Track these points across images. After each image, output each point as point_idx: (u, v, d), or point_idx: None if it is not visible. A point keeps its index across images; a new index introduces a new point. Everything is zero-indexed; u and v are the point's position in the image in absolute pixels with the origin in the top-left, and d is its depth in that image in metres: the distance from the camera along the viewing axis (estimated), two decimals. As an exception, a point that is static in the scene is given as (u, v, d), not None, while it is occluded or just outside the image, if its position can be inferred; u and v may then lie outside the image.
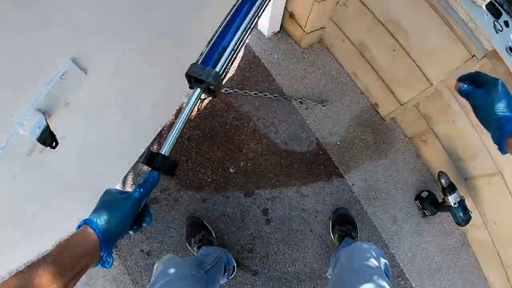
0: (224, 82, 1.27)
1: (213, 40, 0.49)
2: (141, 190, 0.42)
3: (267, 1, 0.52)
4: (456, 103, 1.06)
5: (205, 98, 1.25)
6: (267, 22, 1.23)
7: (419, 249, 1.30)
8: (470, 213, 1.16)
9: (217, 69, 0.46)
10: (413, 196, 1.30)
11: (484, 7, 0.79)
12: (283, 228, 1.19)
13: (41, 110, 0.52)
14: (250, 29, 0.51)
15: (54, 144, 0.54)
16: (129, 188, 1.24)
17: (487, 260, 1.35)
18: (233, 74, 1.27)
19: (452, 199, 1.13)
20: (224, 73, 0.48)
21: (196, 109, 1.24)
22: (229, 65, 0.49)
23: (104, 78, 0.64)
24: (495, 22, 0.78)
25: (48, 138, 0.51)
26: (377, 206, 1.25)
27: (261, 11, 0.53)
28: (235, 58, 0.51)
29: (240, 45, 0.50)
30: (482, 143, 1.05)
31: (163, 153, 0.45)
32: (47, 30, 0.46)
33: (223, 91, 1.23)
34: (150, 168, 0.45)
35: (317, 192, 1.21)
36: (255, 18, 0.52)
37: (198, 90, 0.46)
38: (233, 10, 0.51)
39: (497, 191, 1.08)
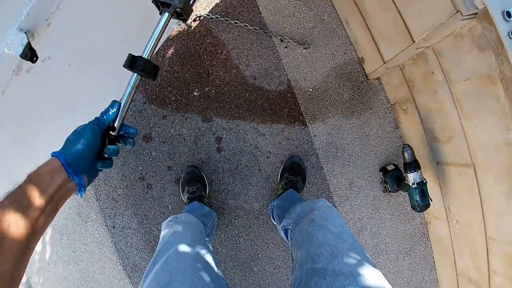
0: (209, 8, 1.28)
1: None
2: (101, 117, 0.47)
3: None
4: (440, 71, 0.97)
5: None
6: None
7: (370, 223, 1.26)
8: (430, 200, 1.09)
9: None
10: (378, 166, 1.25)
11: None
12: (232, 160, 1.21)
13: (23, 30, 0.57)
14: None
15: (34, 58, 0.58)
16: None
17: (442, 260, 1.27)
18: (219, 0, 1.26)
19: (411, 178, 1.06)
20: None
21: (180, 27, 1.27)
22: None
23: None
24: None
25: (28, 54, 0.56)
26: (336, 165, 1.22)
27: None
28: None
29: None
30: (460, 124, 0.96)
31: (144, 56, 0.47)
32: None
33: (204, 15, 1.24)
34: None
35: (275, 133, 1.20)
36: None
37: (166, 14, 0.47)
38: None
39: (466, 186, 0.99)
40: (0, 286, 0.31)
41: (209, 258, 0.66)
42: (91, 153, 0.45)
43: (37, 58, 0.59)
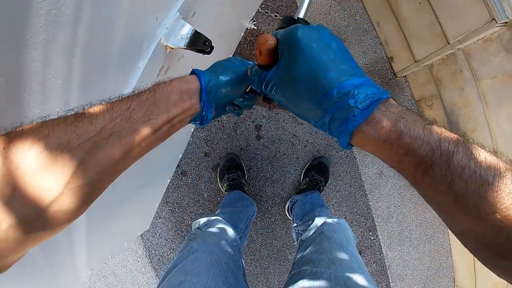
0: None
1: None
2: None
3: None
4: (468, 70, 1.17)
5: None
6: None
7: (396, 211, 1.42)
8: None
9: None
10: (404, 157, 1.42)
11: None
12: (271, 147, 1.31)
13: (182, 15, 0.49)
14: None
15: (209, 49, 0.49)
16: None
17: (459, 246, 1.45)
18: (260, -7, 1.38)
19: None
20: None
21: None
22: None
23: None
24: None
25: (200, 43, 0.47)
26: (367, 155, 1.37)
27: None
28: None
29: None
30: (485, 116, 1.16)
31: (301, 17, 0.43)
32: None
33: (247, 6, 1.35)
34: None
35: (313, 123, 1.32)
36: None
37: None
38: None
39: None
40: (75, 198, 0.25)
41: (231, 265, 0.67)
42: (233, 90, 0.39)
43: (212, 48, 0.48)
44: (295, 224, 1.03)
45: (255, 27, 1.35)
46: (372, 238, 1.39)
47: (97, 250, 0.83)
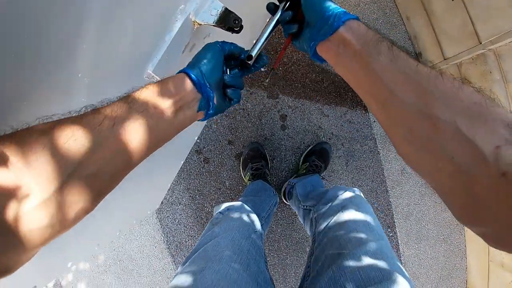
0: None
1: None
2: (231, 44, 0.47)
3: None
4: (498, 71, 1.21)
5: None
6: None
7: (416, 209, 1.46)
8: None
9: None
10: (426, 155, 1.46)
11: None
12: (296, 138, 1.34)
13: None
14: None
15: (239, 28, 0.51)
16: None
17: (475, 247, 1.51)
18: (290, -18, 1.41)
19: None
20: None
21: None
22: None
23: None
24: None
25: (230, 21, 0.50)
26: (391, 151, 1.41)
27: None
28: None
29: None
30: None
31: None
32: None
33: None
34: None
35: (338, 115, 1.36)
36: None
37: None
38: None
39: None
40: (84, 188, 0.28)
41: (254, 253, 0.67)
42: (214, 68, 0.44)
43: (241, 27, 0.51)
44: (298, 202, 0.99)
45: (284, 16, 1.38)
46: (391, 234, 1.43)
47: (105, 225, 0.82)
